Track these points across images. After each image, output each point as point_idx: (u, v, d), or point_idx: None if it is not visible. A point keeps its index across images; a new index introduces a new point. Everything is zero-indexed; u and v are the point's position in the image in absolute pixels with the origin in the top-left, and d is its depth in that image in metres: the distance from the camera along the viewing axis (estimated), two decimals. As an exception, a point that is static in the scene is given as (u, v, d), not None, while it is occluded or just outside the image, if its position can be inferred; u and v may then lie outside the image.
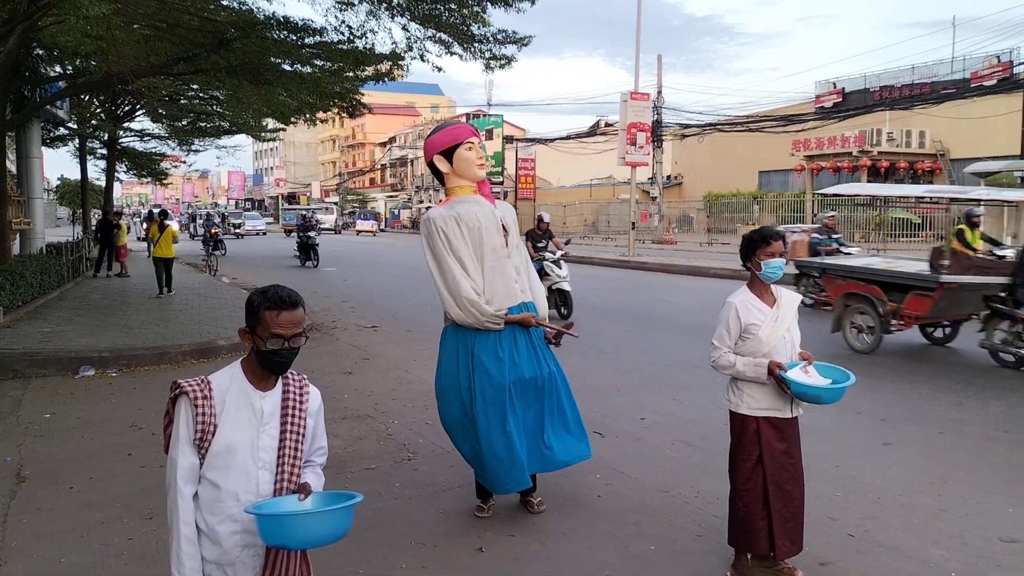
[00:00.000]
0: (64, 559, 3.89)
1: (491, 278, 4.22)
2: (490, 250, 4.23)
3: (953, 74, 33.24)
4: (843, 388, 3.40)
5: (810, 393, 3.40)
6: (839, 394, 3.42)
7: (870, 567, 3.73)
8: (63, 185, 58.98)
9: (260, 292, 2.25)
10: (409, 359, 8.97)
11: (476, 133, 4.38)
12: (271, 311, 2.20)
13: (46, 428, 6.30)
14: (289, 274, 21.17)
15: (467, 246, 4.20)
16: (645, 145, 26.91)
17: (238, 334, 2.33)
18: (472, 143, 4.27)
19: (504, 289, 4.22)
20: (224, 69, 12.96)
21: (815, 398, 3.43)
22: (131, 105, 25.19)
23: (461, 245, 4.19)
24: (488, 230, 4.24)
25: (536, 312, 4.31)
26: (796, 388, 3.38)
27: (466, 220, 4.21)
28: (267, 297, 2.22)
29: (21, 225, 16.34)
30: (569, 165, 48.73)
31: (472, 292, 4.12)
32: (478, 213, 4.25)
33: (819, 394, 3.40)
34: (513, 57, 13.03)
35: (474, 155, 4.26)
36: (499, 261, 4.24)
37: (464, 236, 4.20)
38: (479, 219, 4.23)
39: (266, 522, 2.12)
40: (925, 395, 7.10)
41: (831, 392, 3.41)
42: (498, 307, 4.17)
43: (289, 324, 2.21)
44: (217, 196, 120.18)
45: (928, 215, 30.54)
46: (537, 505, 4.46)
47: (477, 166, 4.28)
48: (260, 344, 2.21)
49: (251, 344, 2.25)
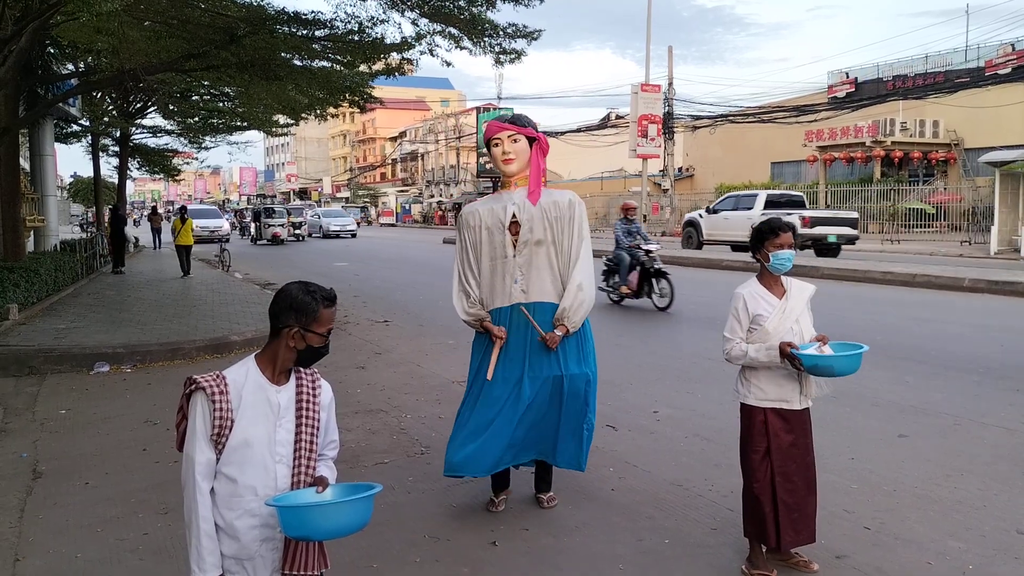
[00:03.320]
0: (80, 554, 3.92)
1: (488, 277, 4.23)
2: (488, 249, 4.23)
3: (967, 63, 32.97)
4: (857, 356, 3.31)
5: (821, 365, 3.32)
6: (854, 362, 3.32)
7: (886, 560, 3.70)
8: (76, 182, 59.38)
9: (307, 291, 2.28)
10: (421, 354, 8.98)
11: (504, 127, 4.25)
12: (328, 309, 2.28)
13: (62, 424, 6.35)
14: (299, 270, 21.23)
15: (468, 244, 4.29)
16: (656, 137, 26.85)
17: (288, 336, 2.27)
18: (499, 139, 4.25)
19: (500, 289, 4.20)
20: (235, 65, 13.00)
21: (827, 369, 3.34)
22: (143, 102, 25.31)
23: (464, 244, 4.31)
24: (490, 228, 4.22)
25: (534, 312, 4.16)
26: (808, 361, 3.31)
27: (467, 220, 4.31)
28: (318, 296, 2.27)
29: (35, 222, 16.45)
30: (580, 158, 48.64)
31: (458, 291, 4.29)
32: (481, 212, 4.27)
33: (831, 364, 3.32)
34: (523, 51, 13.05)
35: (499, 152, 4.26)
36: (496, 261, 4.22)
37: (482, 231, 4.25)
38: (480, 217, 4.25)
39: (289, 514, 2.12)
40: (941, 387, 7.04)
41: (843, 361, 3.31)
42: (490, 305, 4.19)
43: (333, 318, 2.32)
44: (229, 192, 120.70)
45: (943, 205, 30.33)
46: (547, 502, 4.45)
47: (502, 162, 4.28)
48: (315, 340, 2.27)
49: (301, 345, 2.27)
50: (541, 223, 4.19)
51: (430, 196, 67.52)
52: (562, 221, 4.21)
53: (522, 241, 4.19)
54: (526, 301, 4.16)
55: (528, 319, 4.13)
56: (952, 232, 28.68)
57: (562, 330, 4.10)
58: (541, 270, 4.18)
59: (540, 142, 4.32)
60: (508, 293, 4.19)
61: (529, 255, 4.18)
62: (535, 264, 4.18)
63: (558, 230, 4.21)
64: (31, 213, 16.04)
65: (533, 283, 4.17)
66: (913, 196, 31.02)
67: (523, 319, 4.13)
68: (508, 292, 4.19)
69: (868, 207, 31.39)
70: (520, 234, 4.20)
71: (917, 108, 34.01)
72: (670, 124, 33.93)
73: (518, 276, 4.18)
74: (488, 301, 4.23)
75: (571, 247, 4.21)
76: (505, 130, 4.24)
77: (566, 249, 4.21)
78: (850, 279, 16.03)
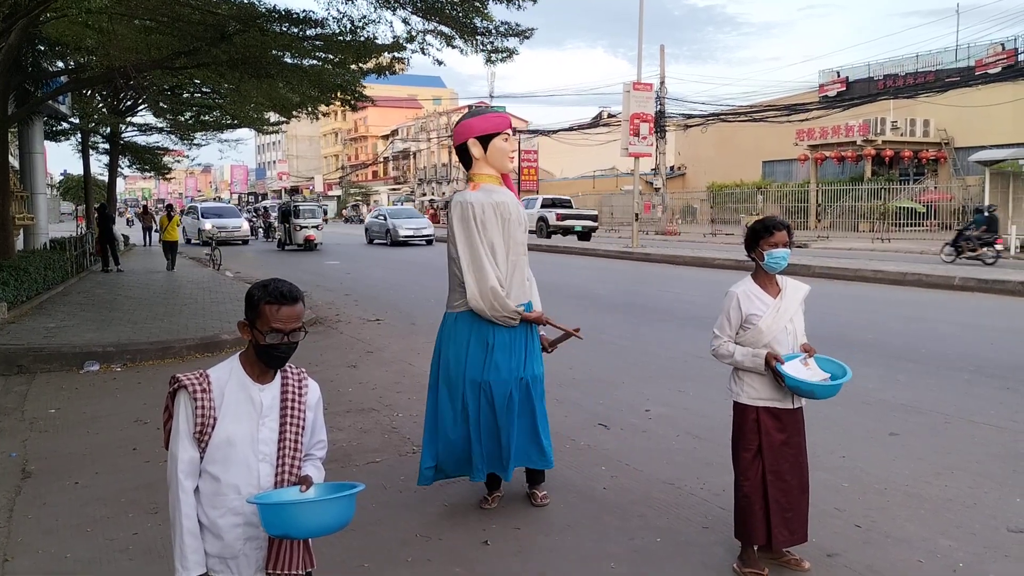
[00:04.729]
0: (69, 554, 3.89)
1: (511, 272, 4.21)
2: (515, 243, 4.23)
3: (957, 62, 33.12)
4: (837, 385, 3.36)
5: (803, 388, 3.38)
6: (833, 391, 3.39)
7: (877, 558, 3.71)
8: (66, 180, 59.06)
9: (260, 286, 2.25)
10: (413, 352, 8.96)
11: (512, 125, 4.39)
12: (271, 305, 2.20)
13: (51, 423, 6.31)
14: (291, 268, 21.18)
15: (500, 235, 4.17)
16: (648, 136, 26.83)
17: (237, 327, 2.33)
18: (508, 134, 4.28)
19: (519, 284, 4.23)
20: (225, 63, 12.94)
21: (808, 393, 3.42)
22: (133, 99, 25.19)
23: (496, 233, 4.16)
24: (515, 223, 4.24)
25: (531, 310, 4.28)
26: (790, 382, 3.36)
27: (500, 210, 4.19)
28: (267, 291, 2.21)
29: (24, 220, 16.36)
30: (572, 156, 48.71)
31: (497, 282, 4.09)
32: (509, 204, 4.25)
33: (812, 389, 3.38)
34: (515, 50, 13.00)
35: (508, 146, 4.28)
36: (519, 256, 4.24)
37: (499, 225, 4.17)
38: (511, 211, 4.23)
39: (268, 511, 2.12)
40: (932, 385, 7.07)
41: (824, 388, 3.38)
42: (516, 301, 4.17)
43: (289, 319, 2.21)
44: (220, 190, 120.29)
45: (933, 204, 30.45)
46: (540, 498, 4.45)
47: (509, 158, 4.30)
48: (259, 338, 2.20)
49: (250, 337, 2.24)
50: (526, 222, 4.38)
51: (422, 194, 67.48)
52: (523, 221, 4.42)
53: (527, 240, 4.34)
54: (526, 300, 4.27)
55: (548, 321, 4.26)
56: (942, 231, 28.77)
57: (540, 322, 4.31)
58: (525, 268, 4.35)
59: None
60: (525, 290, 4.27)
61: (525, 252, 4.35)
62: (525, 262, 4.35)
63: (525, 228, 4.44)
64: (20, 211, 15.96)
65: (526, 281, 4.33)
66: (904, 195, 31.14)
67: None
68: (525, 289, 4.27)
69: (859, 206, 31.50)
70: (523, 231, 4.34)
71: (908, 107, 34.15)
72: (662, 123, 34.03)
73: (529, 273, 4.31)
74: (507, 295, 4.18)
75: None
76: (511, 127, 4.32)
77: None
78: (841, 278, 16.08)
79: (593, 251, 24.69)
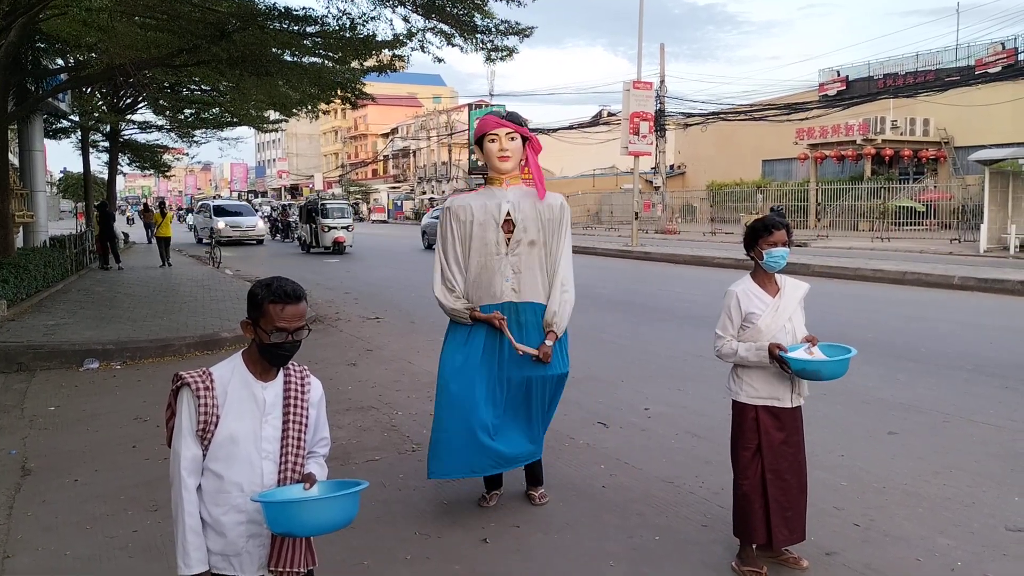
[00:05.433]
0: (69, 552, 3.90)
1: (476, 273, 4.19)
2: (480, 245, 4.18)
3: (957, 61, 33.10)
4: (844, 360, 3.33)
5: (809, 369, 3.34)
6: (840, 367, 3.34)
7: (876, 557, 3.72)
8: (66, 178, 59.01)
9: (263, 285, 2.25)
10: (413, 350, 8.97)
11: (502, 124, 4.26)
12: (276, 304, 2.20)
13: (51, 421, 6.31)
14: (291, 266, 21.18)
15: (468, 237, 4.20)
16: (648, 134, 26.82)
17: (240, 326, 2.33)
18: (496, 135, 4.22)
19: (488, 287, 4.17)
20: (225, 61, 12.93)
21: (814, 373, 3.36)
22: (133, 97, 25.19)
23: (451, 237, 4.24)
24: (482, 224, 4.18)
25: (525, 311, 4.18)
26: (795, 365, 3.33)
27: (457, 212, 4.24)
28: (271, 290, 2.21)
29: (24, 218, 16.37)
30: (572, 155, 48.62)
31: (440, 285, 4.23)
32: (473, 206, 4.22)
33: (818, 368, 3.34)
34: (515, 48, 12.98)
35: (495, 147, 4.23)
36: (489, 257, 4.18)
37: (468, 227, 4.19)
38: (472, 212, 4.20)
39: (272, 509, 2.12)
40: (931, 384, 7.07)
41: (831, 366, 3.33)
42: (477, 303, 4.16)
43: (292, 317, 2.21)
44: (220, 188, 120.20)
45: (933, 203, 30.43)
46: (539, 498, 4.45)
47: (498, 159, 4.24)
48: (263, 337, 2.21)
49: (253, 336, 2.25)
50: (535, 224, 4.22)
51: (422, 192, 67.43)
52: (553, 223, 4.28)
53: (515, 240, 4.19)
54: (518, 300, 4.17)
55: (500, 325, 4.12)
56: (942, 230, 28.76)
57: (552, 338, 4.15)
58: (533, 270, 4.21)
59: (532, 142, 4.37)
60: (498, 291, 4.17)
61: (521, 255, 4.19)
62: (527, 264, 4.20)
63: (549, 232, 4.26)
64: (20, 209, 15.96)
65: (526, 283, 4.19)
66: (903, 194, 31.12)
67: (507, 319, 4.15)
68: (498, 290, 4.17)
69: (859, 205, 31.49)
70: (514, 233, 4.19)
71: (908, 106, 34.12)
72: (662, 121, 34.00)
73: (509, 275, 4.18)
74: (473, 298, 4.19)
75: (558, 249, 4.28)
76: (503, 127, 4.25)
77: (554, 251, 4.28)
78: (840, 277, 16.09)
79: (593, 250, 24.70)
